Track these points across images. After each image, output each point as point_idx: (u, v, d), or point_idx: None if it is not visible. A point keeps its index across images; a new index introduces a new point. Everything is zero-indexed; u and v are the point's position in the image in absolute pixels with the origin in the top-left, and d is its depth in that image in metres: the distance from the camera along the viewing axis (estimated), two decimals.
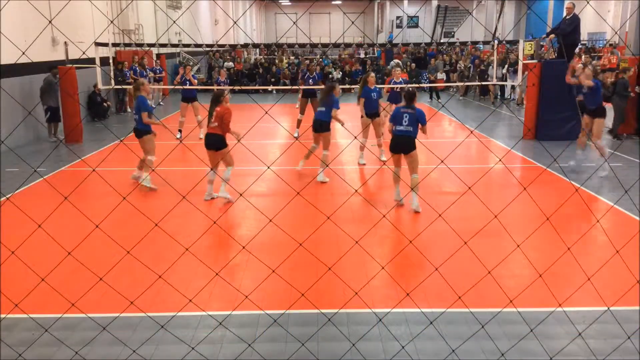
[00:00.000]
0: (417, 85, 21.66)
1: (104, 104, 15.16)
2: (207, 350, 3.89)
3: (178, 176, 9.04)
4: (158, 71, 18.62)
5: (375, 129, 9.85)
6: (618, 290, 4.46)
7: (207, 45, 16.60)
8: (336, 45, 17.75)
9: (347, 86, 20.71)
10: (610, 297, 4.35)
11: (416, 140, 7.04)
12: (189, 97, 12.45)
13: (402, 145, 7.03)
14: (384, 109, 10.10)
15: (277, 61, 25.64)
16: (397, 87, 10.66)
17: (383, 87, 13.91)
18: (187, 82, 12.55)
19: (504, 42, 18.90)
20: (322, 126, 8.51)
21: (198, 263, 4.99)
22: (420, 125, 7.03)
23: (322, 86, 10.71)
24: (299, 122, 12.40)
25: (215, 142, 7.38)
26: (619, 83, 11.85)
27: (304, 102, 12.60)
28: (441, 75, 21.07)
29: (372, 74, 9.99)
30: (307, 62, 14.51)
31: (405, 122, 7.01)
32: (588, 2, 2.78)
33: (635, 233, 5.84)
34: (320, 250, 5.65)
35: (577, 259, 4.46)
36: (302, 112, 12.46)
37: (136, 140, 8.18)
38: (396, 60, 23.02)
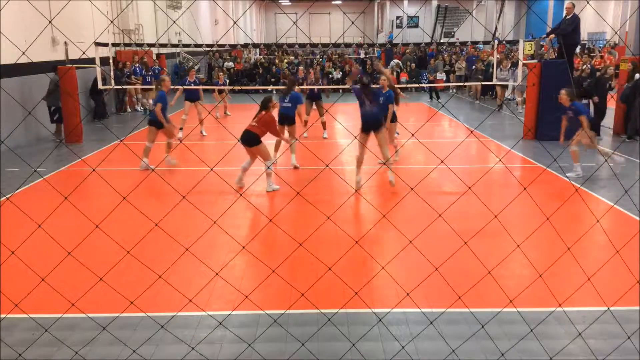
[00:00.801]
0: (417, 85, 21.72)
1: (103, 95, 15.10)
2: (207, 350, 3.89)
3: (178, 176, 9.04)
4: (156, 71, 18.44)
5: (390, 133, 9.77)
6: (618, 290, 4.46)
7: (207, 45, 16.59)
8: (336, 45, 17.75)
9: (347, 86, 20.70)
10: (610, 297, 4.35)
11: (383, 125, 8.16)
12: (193, 97, 12.56)
13: (371, 124, 7.97)
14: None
15: (277, 61, 25.64)
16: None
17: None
18: (192, 83, 12.69)
19: (504, 42, 18.90)
20: (287, 119, 9.68)
21: (198, 263, 4.99)
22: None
23: (324, 86, 10.79)
24: (305, 122, 12.54)
25: (249, 139, 8.04)
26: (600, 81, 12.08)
27: (308, 103, 12.75)
28: (441, 76, 21.08)
29: (383, 77, 9.73)
30: (303, 70, 14.56)
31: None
32: (588, 2, 2.78)
33: (635, 233, 5.84)
34: (320, 250, 5.65)
35: (577, 259, 4.46)
36: (308, 113, 12.69)
37: (136, 140, 8.20)
38: (396, 61, 23.04)
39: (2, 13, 10.20)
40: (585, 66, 12.55)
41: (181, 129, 12.46)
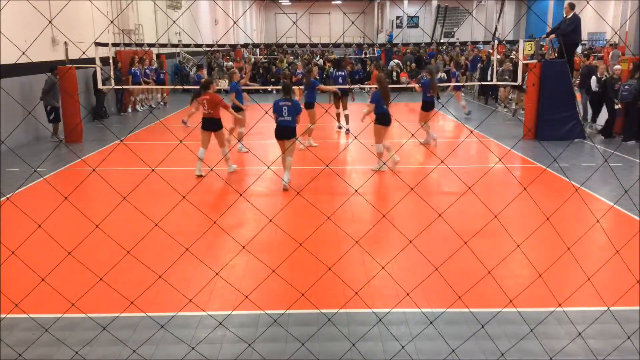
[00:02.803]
0: (417, 85, 21.68)
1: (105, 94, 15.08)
2: (207, 350, 3.89)
3: (178, 176, 9.03)
4: (149, 70, 17.89)
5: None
6: (618, 290, 4.46)
7: (207, 45, 16.58)
8: (336, 45, 17.72)
9: (347, 86, 20.65)
10: (610, 297, 4.35)
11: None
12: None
13: (284, 132, 8.10)
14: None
15: (277, 61, 25.64)
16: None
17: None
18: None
19: (504, 42, 18.89)
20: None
21: (198, 263, 4.99)
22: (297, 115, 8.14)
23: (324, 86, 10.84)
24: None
25: (214, 124, 8.59)
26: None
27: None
28: (441, 75, 21.05)
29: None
30: (301, 76, 14.58)
31: (285, 113, 8.06)
32: (588, 2, 2.78)
33: (635, 233, 5.84)
34: (320, 250, 5.65)
35: (576, 258, 4.46)
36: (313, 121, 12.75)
37: (135, 140, 8.21)
38: (396, 61, 23.04)
39: (2, 13, 10.20)
40: (615, 67, 12.41)
41: (185, 122, 12.63)
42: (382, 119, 8.91)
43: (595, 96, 12.75)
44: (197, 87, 12.89)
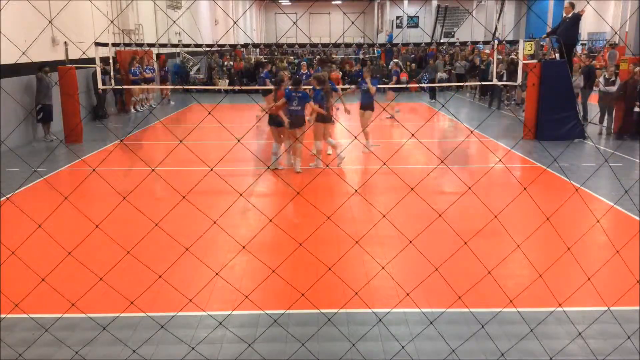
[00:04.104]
0: (417, 85, 21.71)
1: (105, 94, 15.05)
2: (207, 350, 3.89)
3: (178, 176, 9.03)
4: (148, 70, 17.79)
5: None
6: (618, 290, 4.46)
7: (207, 45, 16.58)
8: (336, 45, 17.74)
9: (346, 86, 20.65)
10: (610, 297, 4.35)
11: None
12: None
13: (295, 121, 8.76)
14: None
15: (277, 61, 25.63)
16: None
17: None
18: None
19: (504, 42, 18.89)
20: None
21: (198, 263, 4.98)
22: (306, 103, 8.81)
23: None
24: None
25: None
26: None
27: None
28: (442, 75, 21.07)
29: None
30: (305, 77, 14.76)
31: (295, 103, 8.73)
32: (588, 2, 2.78)
33: (635, 233, 5.84)
34: (320, 250, 5.65)
35: (577, 258, 4.46)
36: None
37: (134, 140, 8.19)
38: (395, 60, 23.01)
39: (2, 13, 10.20)
40: (637, 69, 12.13)
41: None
42: (321, 117, 9.40)
43: (606, 97, 12.54)
44: (264, 87, 13.13)
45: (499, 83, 16.06)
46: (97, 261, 5.19)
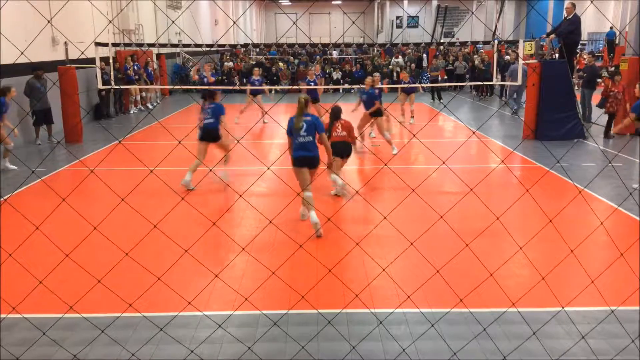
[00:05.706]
0: (418, 85, 21.68)
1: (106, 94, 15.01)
2: (207, 351, 3.88)
3: (177, 176, 9.01)
4: (137, 67, 17.52)
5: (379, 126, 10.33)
6: (618, 290, 4.44)
7: (207, 45, 16.57)
8: (336, 45, 17.73)
9: (347, 86, 20.70)
10: (612, 297, 4.33)
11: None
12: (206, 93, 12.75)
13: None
14: (385, 109, 10.30)
15: (277, 61, 25.62)
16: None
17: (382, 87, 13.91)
18: (205, 79, 13.00)
19: (504, 42, 18.88)
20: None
21: (197, 264, 4.97)
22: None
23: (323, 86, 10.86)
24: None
25: (346, 149, 7.87)
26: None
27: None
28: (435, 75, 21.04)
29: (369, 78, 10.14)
30: (302, 67, 14.73)
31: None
32: (592, 2, 2.76)
33: (635, 233, 5.82)
34: (321, 251, 5.63)
35: (579, 259, 4.44)
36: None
37: (134, 140, 8.17)
38: (395, 60, 23.00)
39: (2, 13, 10.18)
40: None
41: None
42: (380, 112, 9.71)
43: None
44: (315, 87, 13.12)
45: (499, 83, 16.05)
46: (97, 262, 5.17)
